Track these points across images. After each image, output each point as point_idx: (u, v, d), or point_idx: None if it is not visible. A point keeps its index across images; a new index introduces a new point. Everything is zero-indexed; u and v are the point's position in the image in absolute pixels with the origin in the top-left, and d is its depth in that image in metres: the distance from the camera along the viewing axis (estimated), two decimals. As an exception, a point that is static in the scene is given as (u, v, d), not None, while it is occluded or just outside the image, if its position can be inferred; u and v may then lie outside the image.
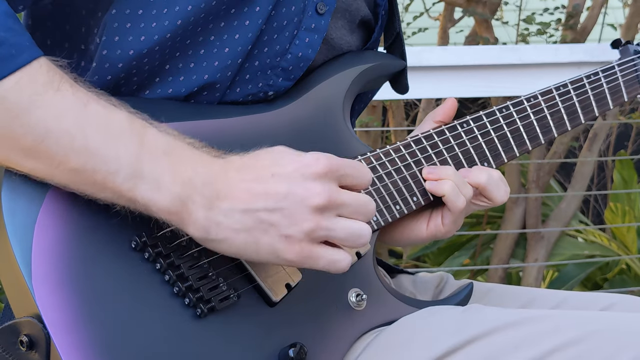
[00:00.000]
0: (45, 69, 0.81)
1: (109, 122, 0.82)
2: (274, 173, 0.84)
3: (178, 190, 0.82)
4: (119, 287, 0.83)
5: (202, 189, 0.82)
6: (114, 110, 0.83)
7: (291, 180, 0.83)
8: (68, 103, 0.81)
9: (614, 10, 4.22)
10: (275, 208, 0.83)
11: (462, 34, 3.87)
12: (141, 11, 0.92)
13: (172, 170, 0.82)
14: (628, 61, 1.34)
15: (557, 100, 1.22)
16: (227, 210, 0.82)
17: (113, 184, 0.81)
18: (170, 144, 0.84)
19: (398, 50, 1.20)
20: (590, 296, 1.16)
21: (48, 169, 0.81)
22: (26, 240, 0.80)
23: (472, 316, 0.96)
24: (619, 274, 3.24)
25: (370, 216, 0.87)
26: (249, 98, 1.02)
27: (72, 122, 0.80)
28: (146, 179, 0.81)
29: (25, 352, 0.81)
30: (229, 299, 0.88)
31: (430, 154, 1.09)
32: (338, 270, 0.86)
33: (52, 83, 0.81)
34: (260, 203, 0.83)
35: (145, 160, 0.82)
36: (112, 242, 0.84)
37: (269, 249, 0.84)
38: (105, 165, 0.81)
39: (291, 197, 0.83)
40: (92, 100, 0.82)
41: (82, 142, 0.80)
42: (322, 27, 1.03)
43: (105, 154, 0.81)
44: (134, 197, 0.82)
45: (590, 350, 0.89)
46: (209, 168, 0.84)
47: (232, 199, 0.83)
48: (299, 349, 0.88)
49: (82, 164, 0.80)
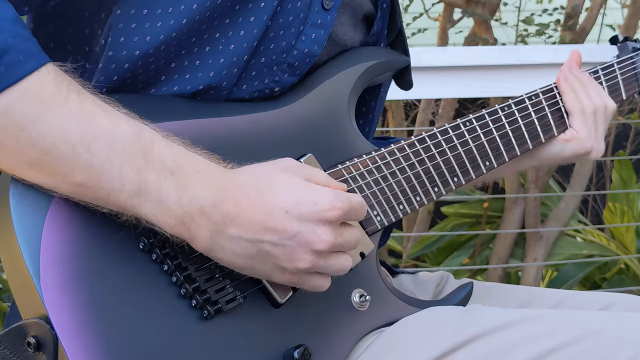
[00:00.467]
0: (52, 77, 0.80)
1: (114, 138, 0.81)
2: (288, 210, 0.84)
3: (182, 211, 0.82)
4: (127, 289, 0.83)
5: (210, 210, 0.82)
6: (121, 124, 0.82)
7: (303, 222, 0.85)
8: (74, 117, 0.80)
9: (613, 11, 4.21)
10: (279, 243, 0.84)
11: (461, 34, 3.87)
12: (146, 11, 0.91)
13: (178, 190, 0.82)
14: (627, 59, 1.35)
15: (558, 99, 1.23)
16: (235, 236, 0.83)
17: (117, 200, 0.81)
18: (178, 160, 0.83)
19: (400, 47, 1.20)
20: (589, 296, 1.17)
21: (52, 181, 0.81)
22: (34, 242, 0.80)
23: (471, 316, 0.96)
24: (618, 274, 3.23)
25: (356, 246, 0.91)
26: (255, 95, 1.01)
27: (78, 137, 0.79)
28: (150, 197, 0.81)
29: (32, 354, 0.81)
30: (235, 301, 0.88)
31: (433, 153, 1.09)
32: (319, 291, 0.91)
33: (59, 93, 0.80)
34: (267, 236, 0.84)
35: (151, 179, 0.81)
36: (120, 244, 0.84)
37: (262, 273, 0.87)
38: (109, 183, 0.80)
39: (298, 238, 0.84)
40: (99, 113, 0.82)
41: (87, 157, 0.80)
42: (328, 23, 1.03)
43: (110, 172, 0.80)
44: (137, 213, 0.82)
45: (589, 350, 0.89)
46: (219, 189, 0.83)
47: (240, 227, 0.83)
48: (303, 350, 0.89)
49: (87, 180, 0.80)
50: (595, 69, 1.30)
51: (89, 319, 0.80)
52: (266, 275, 0.87)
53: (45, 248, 0.80)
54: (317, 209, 0.85)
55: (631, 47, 1.38)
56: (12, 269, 0.82)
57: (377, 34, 1.17)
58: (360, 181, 1.02)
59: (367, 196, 1.02)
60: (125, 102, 0.89)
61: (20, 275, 0.81)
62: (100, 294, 0.81)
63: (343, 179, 1.01)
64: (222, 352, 0.86)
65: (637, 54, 1.37)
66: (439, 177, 1.09)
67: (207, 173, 0.84)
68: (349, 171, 1.02)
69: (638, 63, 1.37)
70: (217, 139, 0.94)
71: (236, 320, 0.88)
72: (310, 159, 0.99)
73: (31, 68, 0.79)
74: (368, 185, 1.03)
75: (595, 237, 3.31)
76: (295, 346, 0.89)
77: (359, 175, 1.02)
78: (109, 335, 0.80)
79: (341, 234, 0.87)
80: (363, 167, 1.03)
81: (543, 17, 3.39)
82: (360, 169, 1.03)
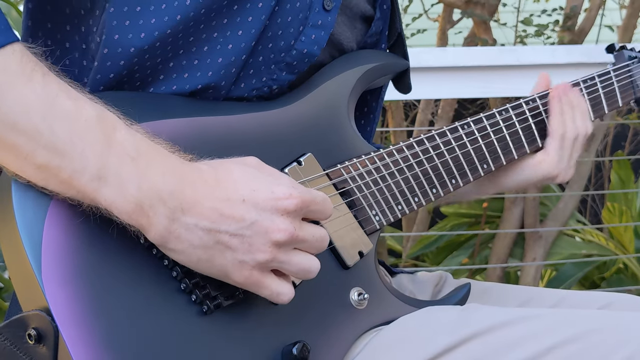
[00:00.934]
0: (18, 56, 0.79)
1: (77, 120, 0.80)
2: (245, 198, 0.83)
3: (142, 196, 0.80)
4: (127, 282, 0.83)
5: (168, 198, 0.81)
6: (84, 106, 0.81)
7: (260, 211, 0.83)
8: (37, 96, 0.78)
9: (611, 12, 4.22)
10: (237, 233, 0.82)
11: (460, 35, 3.87)
12: (139, 8, 0.92)
13: (138, 175, 0.80)
14: (623, 66, 1.35)
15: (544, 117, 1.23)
16: (191, 225, 0.81)
17: (78, 182, 0.79)
18: (139, 147, 0.82)
19: (400, 51, 1.21)
20: (587, 295, 1.17)
21: (16, 162, 0.80)
22: (36, 235, 0.80)
23: (469, 315, 0.96)
24: (616, 273, 3.23)
25: (322, 250, 0.88)
26: (254, 93, 1.02)
27: (40, 117, 0.78)
28: (110, 181, 0.80)
29: (32, 346, 0.81)
30: (235, 297, 0.88)
31: (432, 154, 1.10)
32: (279, 302, 0.87)
33: (23, 72, 0.79)
34: (225, 225, 0.82)
35: (112, 162, 0.80)
36: (121, 238, 0.84)
37: (220, 268, 0.84)
38: (71, 164, 0.79)
39: (256, 227, 0.82)
40: (62, 94, 0.80)
41: (49, 138, 0.78)
42: (328, 24, 1.03)
43: (72, 153, 0.79)
44: (96, 198, 0.80)
45: (587, 349, 0.89)
46: (178, 177, 0.82)
47: (197, 215, 0.81)
48: (302, 346, 0.89)
49: (48, 161, 0.79)
50: (592, 76, 1.29)
51: (90, 311, 0.80)
52: (225, 271, 0.84)
53: (47, 241, 0.80)
54: (274, 197, 0.83)
55: (627, 56, 1.39)
56: (14, 261, 0.82)
57: (378, 34, 1.17)
58: (359, 181, 1.03)
59: (365, 196, 1.03)
60: (123, 99, 0.89)
61: (22, 267, 0.81)
62: (101, 286, 0.81)
63: (342, 179, 1.01)
64: (221, 347, 0.86)
65: (633, 62, 1.38)
66: (437, 178, 1.10)
67: (168, 162, 0.83)
68: (348, 171, 1.02)
69: (635, 71, 1.37)
70: (217, 137, 0.94)
71: (235, 315, 0.88)
72: (310, 159, 0.99)
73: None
74: (367, 185, 1.03)
75: (593, 236, 3.31)
76: (294, 342, 0.89)
77: (357, 176, 1.03)
78: (109, 328, 0.80)
79: (302, 228, 0.85)
80: (362, 167, 1.04)
81: (542, 17, 3.39)
82: (359, 169, 1.03)
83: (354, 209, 1.01)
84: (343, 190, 1.01)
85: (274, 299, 0.86)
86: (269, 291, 0.85)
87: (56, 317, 0.79)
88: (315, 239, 0.87)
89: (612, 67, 1.35)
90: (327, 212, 0.89)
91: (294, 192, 0.84)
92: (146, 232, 0.82)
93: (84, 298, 0.80)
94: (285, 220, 0.83)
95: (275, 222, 0.83)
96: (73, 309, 0.79)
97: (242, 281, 0.84)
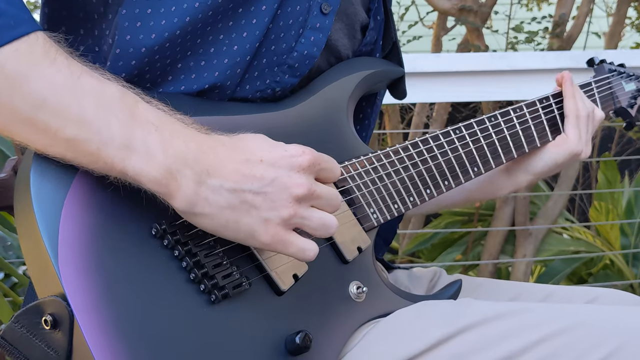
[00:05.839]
0: (42, 42, 0.81)
1: (101, 94, 0.81)
2: (262, 158, 0.85)
3: (169, 162, 0.81)
4: (140, 272, 0.84)
5: (192, 163, 0.82)
6: (107, 82, 0.83)
7: (278, 168, 0.85)
8: (63, 75, 0.80)
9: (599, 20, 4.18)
10: (260, 191, 0.84)
11: (454, 41, 3.87)
12: (150, 10, 0.93)
13: (163, 142, 0.82)
14: (603, 79, 1.40)
15: (540, 113, 1.26)
16: (217, 187, 0.83)
17: (106, 153, 0.81)
18: (161, 118, 0.84)
19: (395, 59, 1.23)
20: (575, 290, 1.19)
21: (44, 138, 0.81)
22: (54, 223, 0.81)
23: (462, 309, 0.98)
24: (603, 269, 3.27)
25: (337, 209, 0.90)
26: (258, 94, 1.03)
27: (68, 92, 0.80)
28: (138, 149, 0.81)
29: (48, 331, 0.81)
30: (242, 287, 0.89)
31: (426, 157, 1.11)
32: (305, 258, 0.88)
33: (48, 55, 0.81)
34: (247, 184, 0.84)
35: (137, 131, 0.81)
36: (133, 228, 0.85)
37: (247, 229, 0.85)
38: (98, 135, 0.80)
39: (276, 184, 0.84)
40: (86, 73, 0.82)
41: (77, 111, 0.80)
42: (326, 27, 1.05)
43: (99, 124, 0.80)
44: (124, 168, 0.81)
45: (575, 341, 0.91)
46: (199, 144, 0.84)
47: (221, 177, 0.83)
48: (304, 335, 0.90)
49: (77, 134, 0.80)
50: None
51: (104, 298, 0.81)
52: (251, 232, 0.85)
53: (63, 229, 0.81)
54: (288, 154, 0.86)
55: (607, 69, 1.42)
56: (31, 248, 0.83)
57: (372, 44, 1.19)
58: (357, 180, 1.04)
59: (364, 194, 1.04)
60: None
61: (39, 254, 0.81)
62: (115, 274, 0.82)
63: (342, 178, 1.03)
64: (227, 335, 0.88)
65: (613, 74, 1.41)
66: (431, 179, 1.11)
67: (188, 131, 0.85)
68: (347, 170, 1.04)
69: (614, 83, 1.41)
70: None
71: (242, 305, 0.90)
72: None
73: (21, 32, 0.80)
74: (365, 184, 1.05)
75: (581, 234, 3.34)
76: (297, 332, 0.91)
77: (356, 175, 1.05)
78: (122, 315, 0.81)
79: (316, 185, 0.87)
80: (360, 167, 1.05)
81: (532, 25, 3.40)
82: (358, 169, 1.05)
83: (353, 206, 1.03)
84: (343, 189, 1.03)
85: (299, 255, 0.87)
86: (294, 248, 0.86)
87: (72, 302, 0.79)
88: (330, 196, 0.89)
89: (594, 79, 1.38)
90: (336, 171, 0.92)
91: (305, 149, 0.88)
92: (173, 198, 0.83)
93: (98, 285, 0.81)
94: (302, 176, 0.86)
95: (293, 178, 0.86)
96: (88, 295, 0.80)
97: (268, 240, 0.85)
